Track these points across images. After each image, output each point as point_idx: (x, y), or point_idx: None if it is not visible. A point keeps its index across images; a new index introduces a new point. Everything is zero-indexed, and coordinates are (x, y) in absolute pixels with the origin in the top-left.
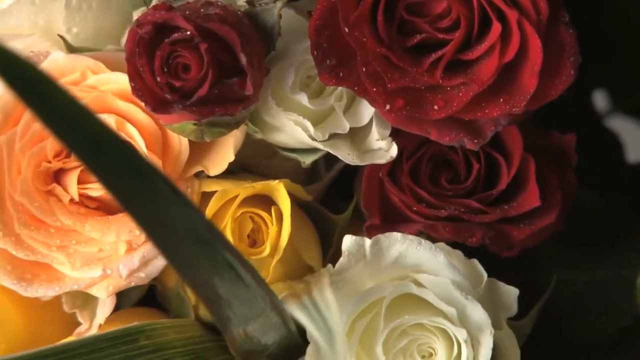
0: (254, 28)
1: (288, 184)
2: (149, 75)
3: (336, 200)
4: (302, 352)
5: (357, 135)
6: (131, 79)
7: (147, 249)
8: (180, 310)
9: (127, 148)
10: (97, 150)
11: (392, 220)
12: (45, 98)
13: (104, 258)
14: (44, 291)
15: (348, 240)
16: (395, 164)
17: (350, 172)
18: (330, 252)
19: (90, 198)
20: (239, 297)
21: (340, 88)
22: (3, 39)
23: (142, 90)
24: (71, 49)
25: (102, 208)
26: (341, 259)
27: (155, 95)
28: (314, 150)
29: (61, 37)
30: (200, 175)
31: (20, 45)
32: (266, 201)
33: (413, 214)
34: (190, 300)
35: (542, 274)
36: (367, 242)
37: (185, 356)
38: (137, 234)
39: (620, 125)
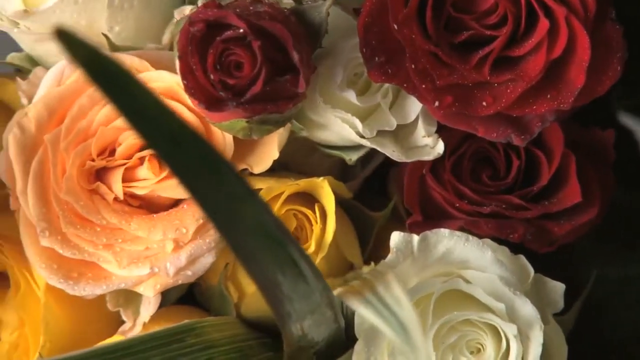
0: (301, 25)
1: (331, 181)
2: (201, 73)
3: (368, 198)
4: (344, 350)
5: (401, 132)
6: (183, 77)
7: (194, 246)
8: (222, 308)
9: (203, 143)
10: (174, 145)
11: (433, 216)
12: (126, 92)
13: (151, 256)
14: (91, 289)
15: (396, 237)
16: (437, 160)
17: (383, 169)
18: (368, 249)
19: (133, 196)
20: (299, 293)
21: (386, 85)
22: (45, 37)
23: (195, 88)
24: (114, 48)
25: (144, 206)
26: (389, 256)
27: (208, 93)
28: (357, 147)
29: (105, 35)
30: (243, 173)
31: None
32: (308, 199)
33: (455, 211)
34: (232, 298)
35: (577, 270)
36: (415, 238)
37: (232, 354)
38: (184, 232)
39: None
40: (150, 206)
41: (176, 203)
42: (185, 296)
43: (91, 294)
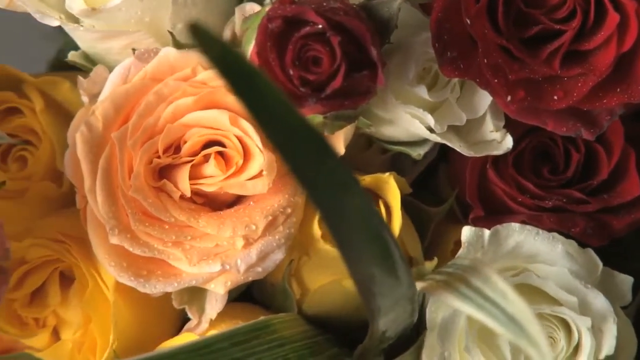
0: (370, 21)
1: (395, 177)
2: (279, 69)
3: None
4: (407, 347)
5: (466, 127)
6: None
7: (264, 243)
8: (285, 305)
9: (321, 141)
10: (293, 140)
11: (494, 211)
12: (253, 88)
13: (221, 253)
14: (162, 287)
15: (467, 231)
16: (498, 155)
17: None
18: (425, 245)
19: (198, 194)
20: (389, 288)
21: (454, 80)
22: (109, 35)
23: (275, 83)
24: (178, 45)
25: (207, 204)
26: (460, 250)
27: (286, 88)
28: (422, 142)
29: (171, 33)
30: None
31: (125, 42)
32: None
33: (517, 205)
34: (295, 295)
35: (625, 263)
36: (487, 232)
37: (304, 350)
38: (253, 229)
39: None
40: (213, 203)
41: (237, 200)
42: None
43: (162, 291)
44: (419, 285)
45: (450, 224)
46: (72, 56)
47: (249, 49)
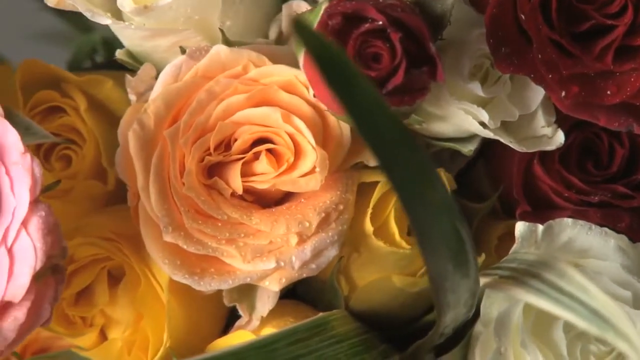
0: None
1: (442, 173)
2: None
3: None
4: (454, 344)
5: (518, 122)
6: None
7: (318, 240)
8: (332, 302)
9: (410, 136)
10: (384, 135)
11: (539, 206)
12: (351, 86)
13: (275, 250)
14: (217, 284)
15: (521, 226)
16: (544, 151)
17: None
18: None
19: (248, 191)
20: (459, 284)
21: (505, 76)
22: (158, 32)
23: None
24: (227, 43)
25: (256, 201)
26: (515, 245)
27: None
28: (470, 138)
29: (221, 30)
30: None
31: (173, 40)
32: None
33: (563, 201)
34: (343, 292)
35: None
36: (540, 227)
37: (359, 346)
38: (307, 226)
39: None
40: (262, 200)
41: (284, 197)
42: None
43: (217, 288)
44: (483, 280)
45: (491, 220)
46: (118, 54)
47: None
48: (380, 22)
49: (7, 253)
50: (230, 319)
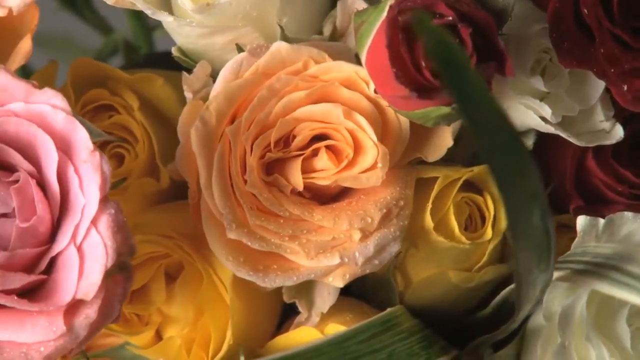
0: None
1: None
2: (410, 61)
3: None
4: (510, 340)
5: (576, 117)
6: (393, 65)
7: (381, 236)
8: (388, 298)
9: (521, 142)
10: (496, 137)
11: (591, 201)
12: (464, 82)
13: (338, 246)
14: (282, 281)
15: (582, 220)
16: (598, 146)
17: None
18: None
19: (306, 188)
20: (539, 278)
21: (564, 70)
22: (216, 30)
23: (405, 76)
24: (286, 40)
25: (314, 198)
26: (576, 239)
27: (418, 80)
28: (526, 133)
29: (280, 27)
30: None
31: (230, 37)
32: (469, 187)
33: (616, 195)
34: (398, 287)
35: None
36: (601, 221)
37: (423, 342)
38: (369, 222)
39: None
40: (319, 197)
41: (340, 193)
42: None
43: (281, 285)
44: (556, 274)
45: None
46: (175, 51)
47: (366, 42)
48: (450, 18)
49: (77, 251)
50: (285, 315)
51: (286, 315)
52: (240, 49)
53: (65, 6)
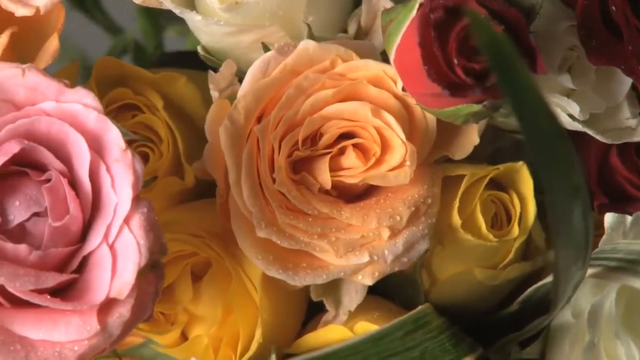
0: None
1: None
2: (442, 59)
3: None
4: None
5: (601, 114)
6: (425, 63)
7: (410, 233)
8: (413, 295)
9: (568, 139)
10: (545, 136)
11: (615, 198)
12: (516, 80)
13: (367, 244)
14: (311, 279)
15: (610, 218)
16: (620, 144)
17: None
18: None
19: (332, 186)
20: (574, 275)
21: (592, 68)
22: (243, 29)
23: (438, 74)
24: (312, 38)
25: (340, 196)
26: (604, 236)
27: (450, 78)
28: None
29: (307, 25)
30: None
31: (256, 36)
32: (494, 185)
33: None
34: (424, 286)
35: None
36: (629, 218)
37: (452, 339)
38: (398, 220)
39: None
40: (345, 195)
41: (366, 191)
42: None
43: (311, 283)
44: (590, 271)
45: None
46: (200, 50)
47: (395, 40)
48: (482, 15)
49: (109, 250)
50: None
51: (310, 314)
52: (266, 48)
53: (74, 6)
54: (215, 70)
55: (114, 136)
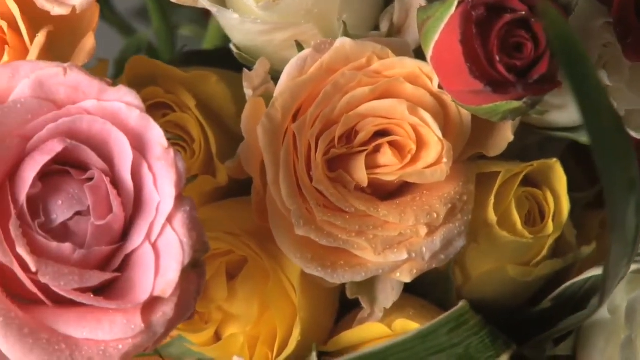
0: None
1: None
2: (484, 56)
3: None
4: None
5: (634, 110)
6: (467, 60)
7: (447, 231)
8: (445, 292)
9: (627, 135)
10: (606, 131)
11: None
12: (583, 75)
13: (405, 241)
14: (350, 277)
15: None
16: None
17: None
18: None
19: (368, 184)
20: (621, 271)
21: (626, 64)
22: (279, 27)
23: (480, 70)
24: (347, 36)
25: (374, 193)
26: None
27: (491, 75)
28: (579, 128)
29: (343, 22)
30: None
31: (289, 34)
32: (526, 182)
33: None
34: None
35: None
36: None
37: (490, 336)
38: (435, 217)
39: None
40: (379, 192)
41: (399, 189)
42: None
43: (349, 280)
44: (634, 267)
45: (587, 209)
46: (234, 48)
47: (433, 37)
48: (523, 12)
49: (152, 248)
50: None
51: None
52: (299, 46)
53: None
54: (238, 68)
55: (155, 134)
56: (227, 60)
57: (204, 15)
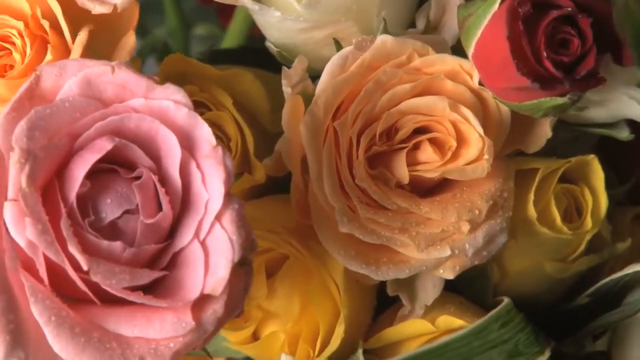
0: None
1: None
2: (530, 53)
3: None
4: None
5: None
6: (514, 57)
7: (489, 227)
8: (482, 289)
9: None
10: None
11: None
12: None
13: (448, 238)
14: (394, 273)
15: None
16: None
17: None
18: None
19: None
20: None
21: None
22: (320, 25)
23: (526, 68)
24: (387, 33)
25: (413, 191)
26: None
27: (539, 72)
28: (618, 124)
29: (384, 20)
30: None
31: (328, 32)
32: (563, 177)
33: None
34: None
35: None
36: None
37: (534, 333)
38: (477, 214)
39: None
40: (417, 189)
41: (437, 185)
42: None
43: (393, 277)
44: None
45: (617, 204)
46: (272, 46)
47: (475, 34)
48: (570, 9)
49: (201, 246)
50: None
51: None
52: (338, 44)
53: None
54: (263, 66)
55: (204, 132)
56: (250, 58)
57: (217, 15)
